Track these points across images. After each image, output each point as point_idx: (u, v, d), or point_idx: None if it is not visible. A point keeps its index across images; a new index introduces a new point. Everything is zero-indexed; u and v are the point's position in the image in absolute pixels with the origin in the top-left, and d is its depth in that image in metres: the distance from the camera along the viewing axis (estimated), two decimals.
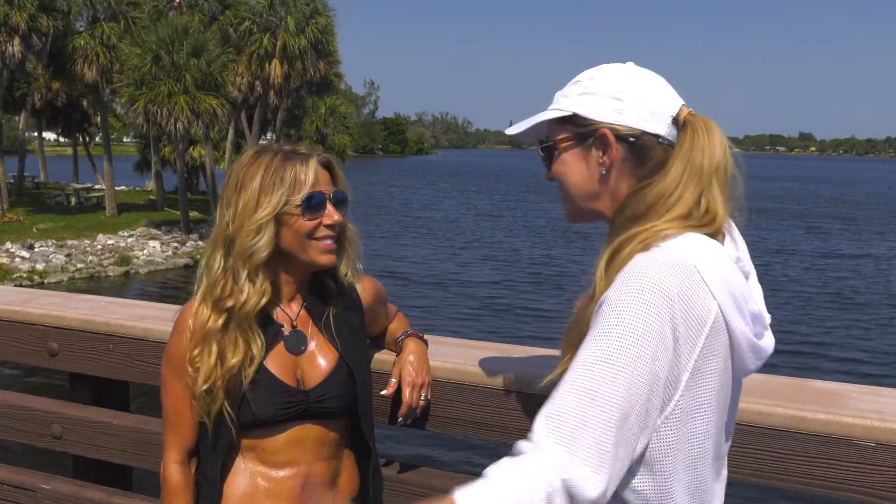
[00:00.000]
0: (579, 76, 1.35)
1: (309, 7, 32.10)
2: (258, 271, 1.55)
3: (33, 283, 20.60)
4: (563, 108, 1.33)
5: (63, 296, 2.55)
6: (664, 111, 1.29)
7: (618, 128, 1.28)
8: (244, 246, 1.53)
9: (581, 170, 1.32)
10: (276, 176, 1.53)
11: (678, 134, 1.29)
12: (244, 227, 1.53)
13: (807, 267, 25.86)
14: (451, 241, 29.44)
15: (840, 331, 17.15)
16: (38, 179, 45.47)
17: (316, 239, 1.57)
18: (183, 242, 26.56)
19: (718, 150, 1.25)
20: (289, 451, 1.62)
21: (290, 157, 1.56)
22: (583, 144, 1.31)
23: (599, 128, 1.28)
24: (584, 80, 1.33)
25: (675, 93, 1.32)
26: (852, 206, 54.61)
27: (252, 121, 33.76)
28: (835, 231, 37.37)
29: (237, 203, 1.55)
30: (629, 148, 1.28)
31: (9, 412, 2.36)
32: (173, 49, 25.96)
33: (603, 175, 1.30)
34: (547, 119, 1.35)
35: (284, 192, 1.53)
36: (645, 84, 1.30)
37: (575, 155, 1.33)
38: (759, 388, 1.68)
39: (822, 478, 1.57)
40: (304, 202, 1.54)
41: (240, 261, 1.54)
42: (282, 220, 1.55)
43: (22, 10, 26.90)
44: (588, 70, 1.36)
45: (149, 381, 2.17)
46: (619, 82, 1.30)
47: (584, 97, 1.31)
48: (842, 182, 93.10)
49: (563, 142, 1.33)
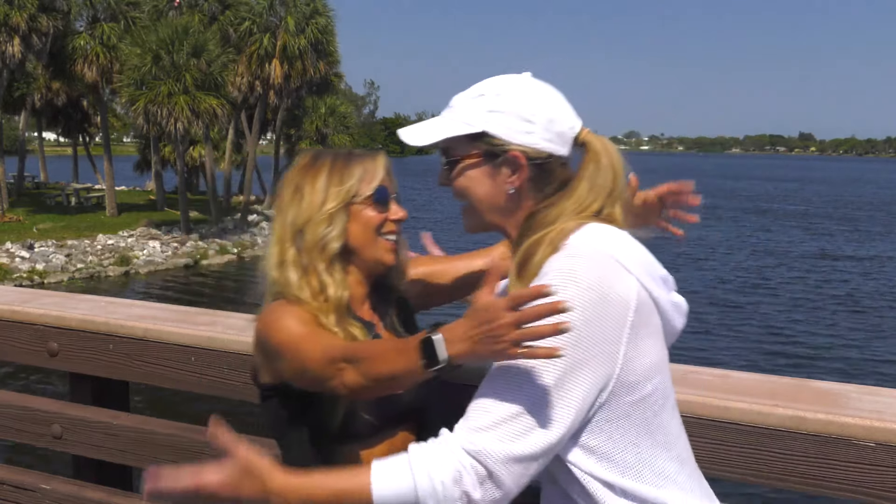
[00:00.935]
0: (482, 89, 1.35)
1: (309, 7, 32.09)
2: (335, 264, 1.48)
3: (33, 283, 20.61)
4: (472, 124, 1.33)
5: (63, 296, 2.55)
6: (569, 133, 1.34)
7: (528, 150, 1.31)
8: (316, 237, 1.46)
9: (487, 186, 1.35)
10: (344, 170, 1.50)
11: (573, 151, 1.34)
12: (313, 219, 1.47)
13: (808, 269, 25.85)
14: (454, 241, 29.37)
15: (840, 331, 17.15)
16: (38, 179, 45.45)
17: (382, 235, 1.52)
18: (183, 242, 26.56)
19: (619, 166, 1.33)
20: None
21: (354, 154, 1.54)
22: (491, 162, 1.33)
23: (510, 149, 1.31)
24: (489, 95, 1.34)
25: (572, 110, 1.36)
26: (858, 206, 54.60)
27: (252, 121, 33.75)
28: (835, 232, 37.37)
29: (301, 200, 1.48)
30: (536, 168, 1.32)
31: (9, 412, 2.36)
32: (173, 49, 25.96)
33: (510, 194, 1.34)
34: (453, 134, 1.34)
35: (354, 183, 1.49)
36: (551, 104, 1.33)
37: (482, 171, 1.35)
38: (759, 388, 1.68)
39: (821, 478, 1.57)
40: (376, 193, 1.50)
41: (314, 253, 1.47)
42: (350, 212, 1.49)
43: (22, 10, 26.88)
44: (490, 82, 1.36)
45: (149, 381, 2.18)
46: (528, 102, 1.32)
47: (494, 115, 1.32)
48: (846, 182, 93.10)
49: (471, 158, 1.34)
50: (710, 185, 70.36)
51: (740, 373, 1.80)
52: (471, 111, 1.34)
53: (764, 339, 16.01)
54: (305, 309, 1.44)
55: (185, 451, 2.14)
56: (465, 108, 1.35)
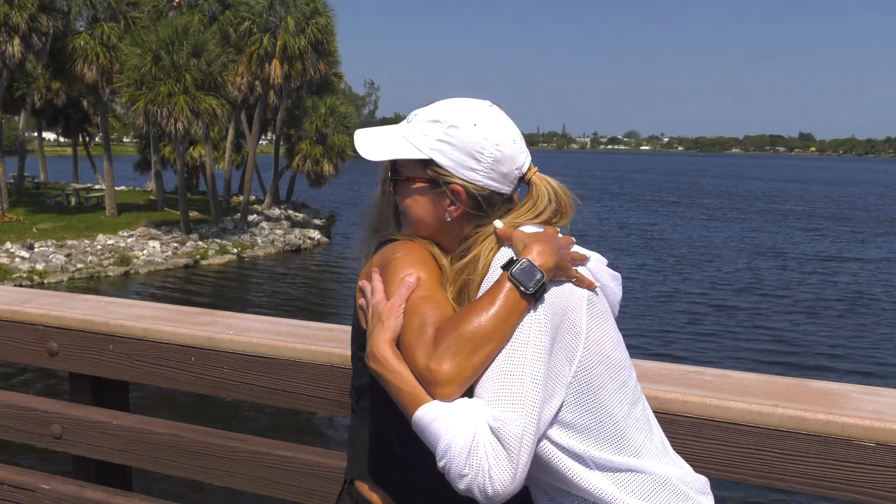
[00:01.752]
0: (439, 114, 1.39)
1: (309, 7, 32.06)
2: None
3: (33, 283, 20.61)
4: (422, 150, 1.38)
5: (63, 296, 2.55)
6: (514, 174, 1.39)
7: (468, 186, 1.36)
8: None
9: (427, 209, 1.41)
10: None
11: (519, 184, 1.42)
12: None
13: (808, 269, 25.85)
14: None
15: (841, 331, 17.15)
16: (38, 179, 45.47)
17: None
18: (183, 242, 26.55)
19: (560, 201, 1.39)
20: None
21: None
22: (434, 190, 1.39)
23: (452, 182, 1.36)
24: (443, 123, 1.37)
25: (525, 147, 1.41)
26: (859, 207, 54.60)
27: (252, 121, 33.73)
28: (836, 233, 37.36)
29: None
30: (475, 200, 1.37)
31: (9, 412, 2.36)
32: (173, 49, 25.95)
33: (448, 221, 1.39)
34: (402, 156, 1.39)
35: None
36: (501, 143, 1.37)
37: (424, 196, 1.40)
38: (759, 389, 1.68)
39: (822, 478, 1.57)
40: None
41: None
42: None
43: (22, 10, 26.87)
44: (448, 109, 1.39)
45: (149, 381, 2.17)
46: (478, 139, 1.36)
47: (443, 145, 1.37)
48: (847, 182, 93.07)
49: (416, 181, 1.40)
50: (710, 185, 70.33)
51: (740, 373, 1.80)
52: (423, 136, 1.38)
53: (764, 339, 16.03)
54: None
55: (185, 451, 2.14)
56: (420, 131, 1.39)
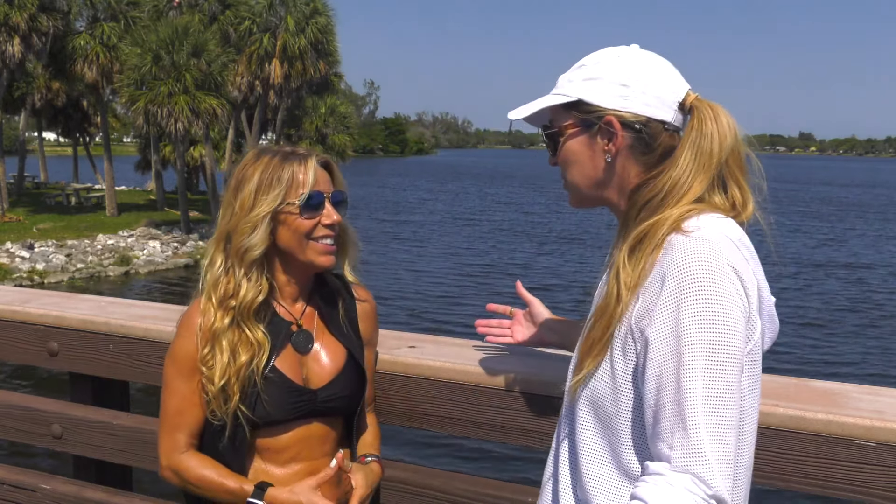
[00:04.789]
0: (584, 60, 1.33)
1: (309, 7, 32.08)
2: (253, 268, 1.57)
3: (33, 283, 20.59)
4: (568, 93, 1.31)
5: (63, 296, 2.55)
6: (670, 97, 1.27)
7: (623, 114, 1.26)
8: (239, 244, 1.56)
9: (586, 157, 1.31)
10: (274, 175, 1.55)
11: (685, 119, 1.28)
12: (239, 226, 1.55)
13: (808, 269, 25.84)
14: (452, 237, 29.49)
15: (841, 331, 17.14)
16: (38, 179, 45.46)
17: (314, 239, 1.59)
18: (183, 242, 26.55)
19: (728, 134, 1.24)
20: (294, 449, 1.63)
21: (288, 157, 1.58)
22: (588, 131, 1.30)
23: (605, 114, 1.27)
24: (589, 65, 1.31)
25: (681, 77, 1.31)
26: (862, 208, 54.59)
27: (252, 121, 33.74)
28: (836, 233, 37.35)
29: (234, 202, 1.57)
30: (635, 135, 1.27)
31: (9, 412, 2.36)
32: (173, 49, 25.94)
33: (609, 162, 1.29)
34: (550, 105, 1.33)
35: (282, 191, 1.55)
36: (651, 69, 1.29)
37: (580, 142, 1.31)
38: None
39: (822, 477, 1.57)
40: (303, 201, 1.55)
41: (236, 258, 1.57)
42: (280, 219, 1.57)
43: (22, 10, 26.88)
44: (593, 54, 1.34)
45: (149, 380, 2.17)
46: (625, 68, 1.28)
47: (590, 83, 1.29)
48: (847, 183, 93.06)
49: (568, 128, 1.32)
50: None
51: None
52: (569, 83, 1.32)
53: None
54: (209, 311, 1.58)
55: None
56: (566, 80, 1.33)
